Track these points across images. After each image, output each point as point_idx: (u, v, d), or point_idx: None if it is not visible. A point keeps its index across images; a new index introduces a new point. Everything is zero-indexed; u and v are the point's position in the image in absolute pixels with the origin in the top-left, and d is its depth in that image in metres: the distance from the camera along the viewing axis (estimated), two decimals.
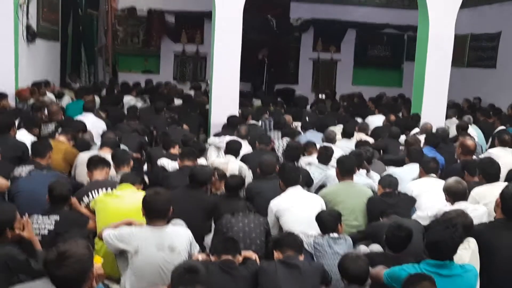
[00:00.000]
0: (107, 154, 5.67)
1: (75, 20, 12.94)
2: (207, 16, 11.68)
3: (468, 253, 3.80)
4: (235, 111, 8.76)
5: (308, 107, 11.91)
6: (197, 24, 15.35)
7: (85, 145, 6.61)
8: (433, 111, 9.34)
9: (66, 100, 10.00)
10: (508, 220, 4.02)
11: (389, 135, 8.10)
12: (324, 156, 6.31)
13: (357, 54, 16.63)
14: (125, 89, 11.87)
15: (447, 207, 4.60)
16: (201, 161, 6.22)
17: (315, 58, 16.37)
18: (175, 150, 6.51)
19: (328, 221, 4.40)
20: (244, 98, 10.79)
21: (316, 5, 15.85)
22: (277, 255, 3.89)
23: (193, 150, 6.00)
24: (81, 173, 5.70)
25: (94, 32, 13.92)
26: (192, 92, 12.27)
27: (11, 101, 8.49)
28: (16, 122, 6.97)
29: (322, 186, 5.83)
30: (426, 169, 5.68)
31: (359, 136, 7.98)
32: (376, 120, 9.56)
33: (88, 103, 8.35)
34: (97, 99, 9.96)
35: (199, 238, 4.61)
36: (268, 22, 15.75)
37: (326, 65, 16.47)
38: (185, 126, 8.63)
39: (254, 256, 3.98)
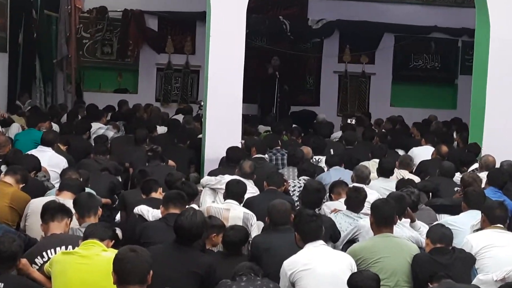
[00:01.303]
0: (67, 200, 5.67)
1: (28, 25, 13.09)
2: (200, 18, 11.79)
3: None
4: (237, 141, 8.79)
5: (333, 135, 11.92)
6: (187, 29, 15.51)
7: (39, 189, 6.62)
8: (498, 140, 9.33)
9: (15, 128, 10.02)
10: None
11: (440, 172, 8.09)
12: (355, 201, 6.32)
13: (396, 66, 16.70)
14: (92, 114, 11.93)
15: None
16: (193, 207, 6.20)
17: (341, 72, 16.46)
18: (158, 194, 6.51)
19: (367, 286, 4.35)
20: (249, 125, 10.83)
21: (342, 3, 15.89)
22: None
23: (181, 194, 5.99)
24: (34, 226, 5.70)
25: (52, 40, 14.07)
26: (180, 117, 12.33)
27: None
28: None
29: (352, 241, 5.82)
30: (490, 218, 5.65)
31: (400, 174, 7.98)
32: (422, 153, 9.57)
33: (48, 134, 8.34)
34: (55, 127, 10.01)
35: None
36: (280, 25, 15.87)
37: (356, 81, 16.54)
38: (170, 162, 8.64)
39: None
